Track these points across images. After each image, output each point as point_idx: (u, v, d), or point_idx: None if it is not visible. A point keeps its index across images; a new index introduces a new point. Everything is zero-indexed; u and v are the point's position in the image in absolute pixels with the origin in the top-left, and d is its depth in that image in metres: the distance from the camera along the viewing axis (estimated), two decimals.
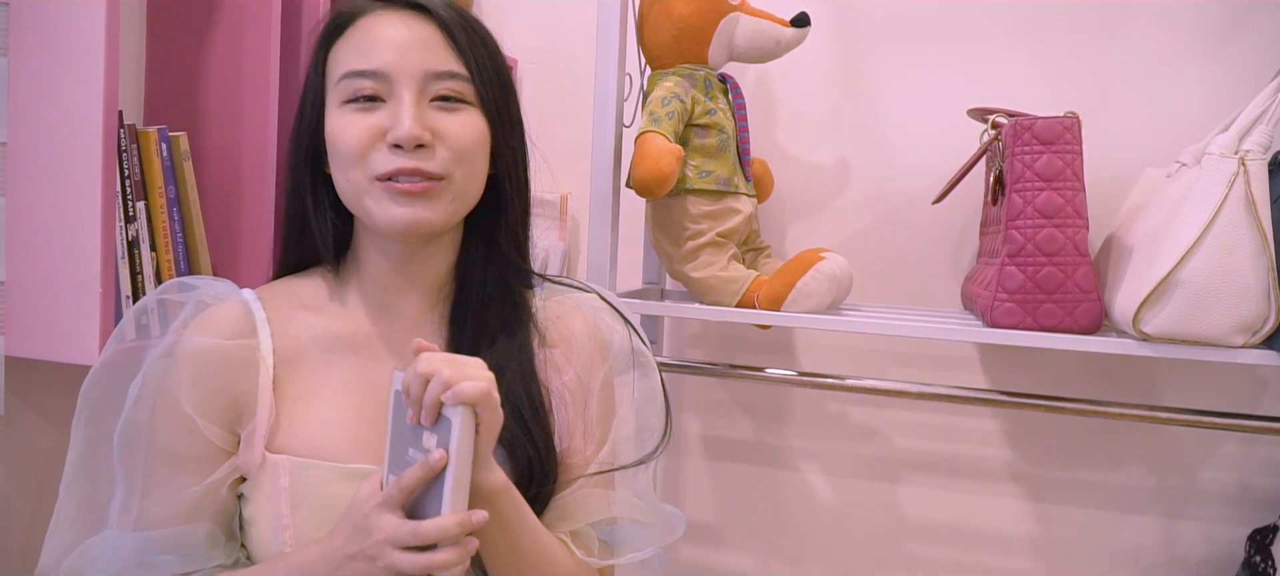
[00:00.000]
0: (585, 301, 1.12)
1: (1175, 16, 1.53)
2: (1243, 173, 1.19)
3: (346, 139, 0.97)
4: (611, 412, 1.07)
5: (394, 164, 0.96)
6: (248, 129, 1.36)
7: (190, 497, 0.97)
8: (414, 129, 0.95)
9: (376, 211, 0.98)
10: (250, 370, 1.00)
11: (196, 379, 0.98)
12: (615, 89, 1.44)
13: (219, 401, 0.99)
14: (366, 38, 0.99)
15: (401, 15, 1.00)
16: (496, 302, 1.06)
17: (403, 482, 0.88)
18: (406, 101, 0.96)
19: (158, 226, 1.27)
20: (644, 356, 1.11)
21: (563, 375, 1.06)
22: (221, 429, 0.99)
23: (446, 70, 0.99)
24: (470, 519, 0.86)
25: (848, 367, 1.69)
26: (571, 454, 1.04)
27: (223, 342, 0.99)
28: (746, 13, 1.49)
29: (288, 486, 0.97)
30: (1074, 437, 1.61)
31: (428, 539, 0.85)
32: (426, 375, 0.87)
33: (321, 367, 1.02)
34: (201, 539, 0.98)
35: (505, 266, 1.07)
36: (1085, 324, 1.30)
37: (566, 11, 1.80)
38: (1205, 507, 1.56)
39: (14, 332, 1.20)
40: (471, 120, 1.00)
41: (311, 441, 0.98)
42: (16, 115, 1.18)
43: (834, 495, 1.75)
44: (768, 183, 1.66)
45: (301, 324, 1.04)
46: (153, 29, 1.41)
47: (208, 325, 1.00)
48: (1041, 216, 1.30)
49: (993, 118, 1.42)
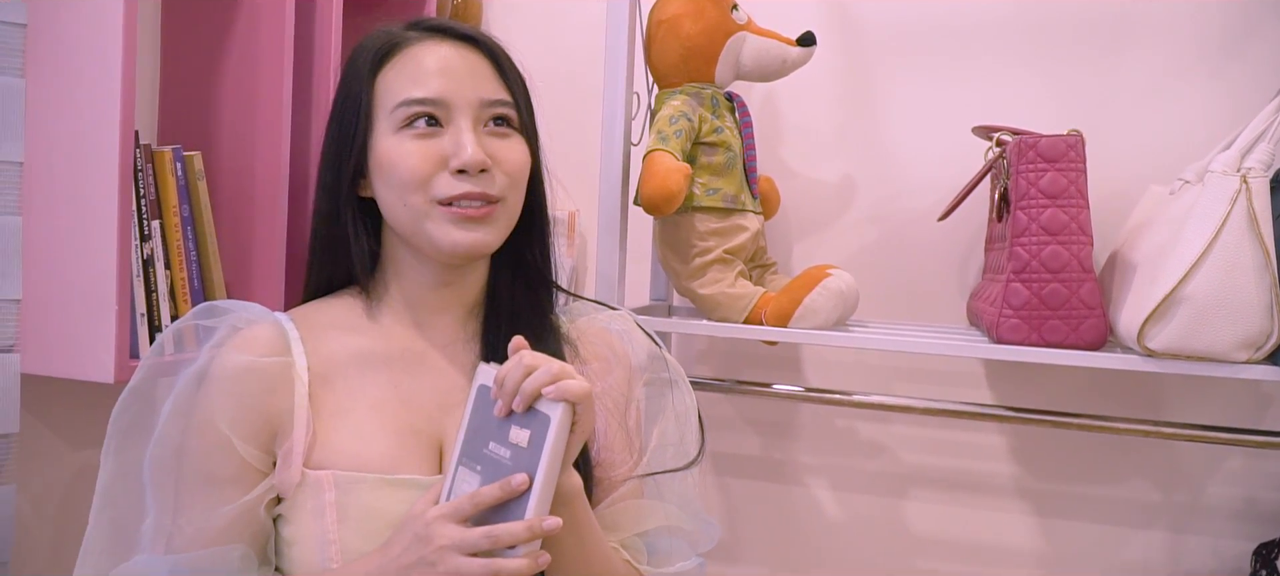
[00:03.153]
0: (616, 319, 1.15)
1: (1178, 35, 1.54)
2: (1245, 190, 1.20)
3: (409, 165, 0.99)
4: (643, 430, 1.09)
5: (459, 188, 0.99)
6: (261, 148, 1.37)
7: (224, 518, 0.97)
8: (479, 155, 0.99)
9: (437, 235, 1.00)
10: (285, 387, 1.00)
11: (231, 397, 0.99)
12: (623, 107, 1.46)
13: (255, 419, 0.99)
14: (419, 66, 1.02)
15: (452, 45, 1.04)
16: (526, 318, 1.07)
17: (478, 498, 0.87)
18: (466, 128, 1.00)
19: (172, 245, 1.28)
20: (677, 372, 1.13)
21: (599, 387, 1.06)
22: (257, 448, 0.99)
23: (498, 98, 1.03)
24: (542, 525, 0.85)
25: (854, 383, 1.70)
26: (613, 466, 1.06)
27: (258, 360, 1.00)
28: (753, 32, 1.51)
29: (333, 500, 0.96)
30: (1080, 453, 1.62)
31: (502, 542, 0.85)
32: (531, 366, 0.88)
33: (356, 383, 1.03)
34: (236, 562, 0.97)
35: (534, 284, 1.11)
36: (1090, 340, 1.31)
37: (575, 31, 1.81)
38: (1211, 522, 1.56)
39: (30, 350, 1.21)
40: (519, 145, 1.04)
41: (350, 455, 0.99)
42: (33, 135, 1.20)
43: (841, 510, 1.75)
44: (774, 200, 1.67)
45: (335, 342, 1.05)
46: (167, 48, 1.43)
47: (242, 345, 1.01)
48: (1046, 233, 1.31)
49: (997, 135, 1.43)
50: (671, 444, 1.10)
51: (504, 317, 1.07)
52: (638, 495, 1.07)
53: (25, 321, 1.21)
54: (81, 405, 1.37)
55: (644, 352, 1.12)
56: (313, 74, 1.44)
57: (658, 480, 1.08)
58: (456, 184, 0.99)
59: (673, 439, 1.10)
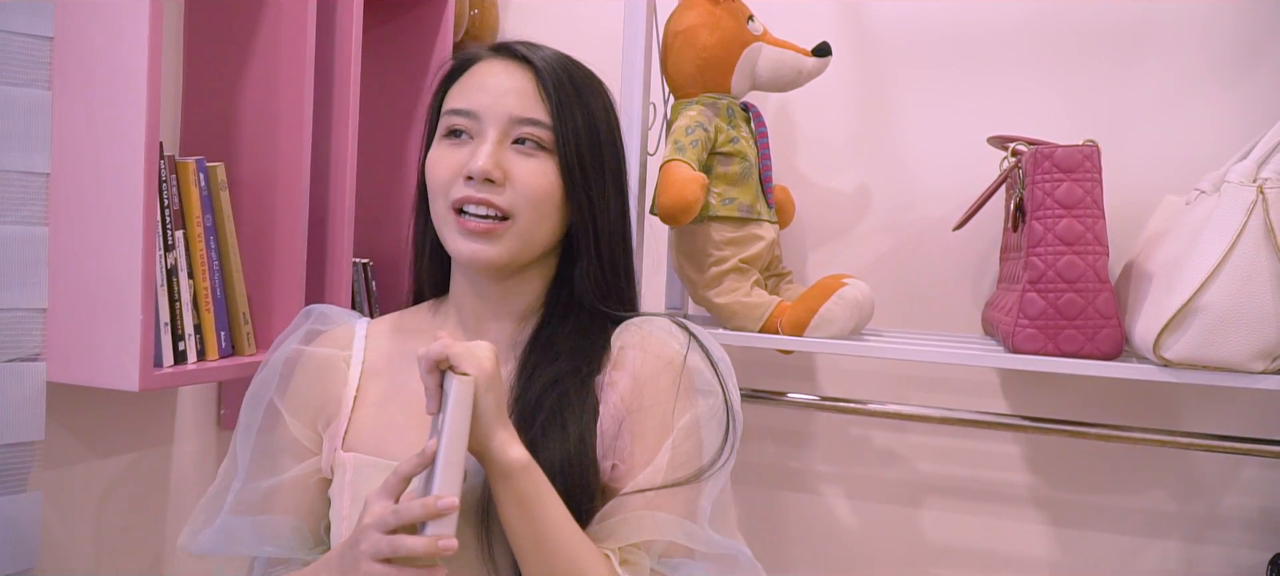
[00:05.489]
0: (653, 324, 1.09)
1: (1193, 45, 1.55)
2: (1261, 200, 1.20)
3: (437, 171, 1.05)
4: (666, 432, 1.03)
5: (464, 193, 1.02)
6: (283, 159, 1.39)
7: (276, 488, 1.07)
8: (486, 164, 1.00)
9: (450, 242, 1.05)
10: (338, 377, 1.11)
11: (288, 379, 1.10)
12: (640, 118, 1.47)
13: (306, 401, 1.10)
14: (473, 81, 1.06)
15: (506, 64, 1.06)
16: (570, 329, 1.07)
17: (399, 470, 0.91)
18: (489, 140, 1.02)
19: (195, 255, 1.30)
20: (705, 378, 1.06)
21: (621, 395, 1.04)
22: (306, 427, 1.09)
23: (529, 117, 1.03)
24: (437, 504, 0.86)
25: (870, 392, 1.70)
26: (625, 476, 1.01)
27: (316, 350, 1.12)
28: (769, 43, 1.52)
29: (350, 481, 1.04)
30: (1095, 462, 1.62)
31: (404, 520, 0.87)
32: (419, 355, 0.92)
33: (402, 377, 1.09)
34: (289, 532, 1.07)
35: (586, 305, 1.09)
36: (1106, 349, 1.32)
37: (592, 42, 1.80)
38: (1227, 532, 1.56)
39: (55, 359, 1.22)
40: (544, 168, 1.04)
41: (377, 442, 1.06)
42: (59, 146, 1.21)
43: (856, 519, 1.76)
44: (790, 209, 1.68)
45: (396, 343, 1.13)
46: (189, 60, 1.45)
47: (312, 339, 1.13)
48: (1062, 243, 1.31)
49: (1013, 145, 1.43)
50: (682, 461, 1.03)
51: (546, 328, 1.08)
52: (655, 504, 1.00)
53: (51, 330, 1.22)
54: (106, 413, 1.38)
55: (675, 356, 1.06)
56: (333, 85, 1.46)
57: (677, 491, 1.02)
58: (464, 188, 1.02)
59: (684, 455, 1.03)
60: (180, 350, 1.27)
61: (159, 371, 1.23)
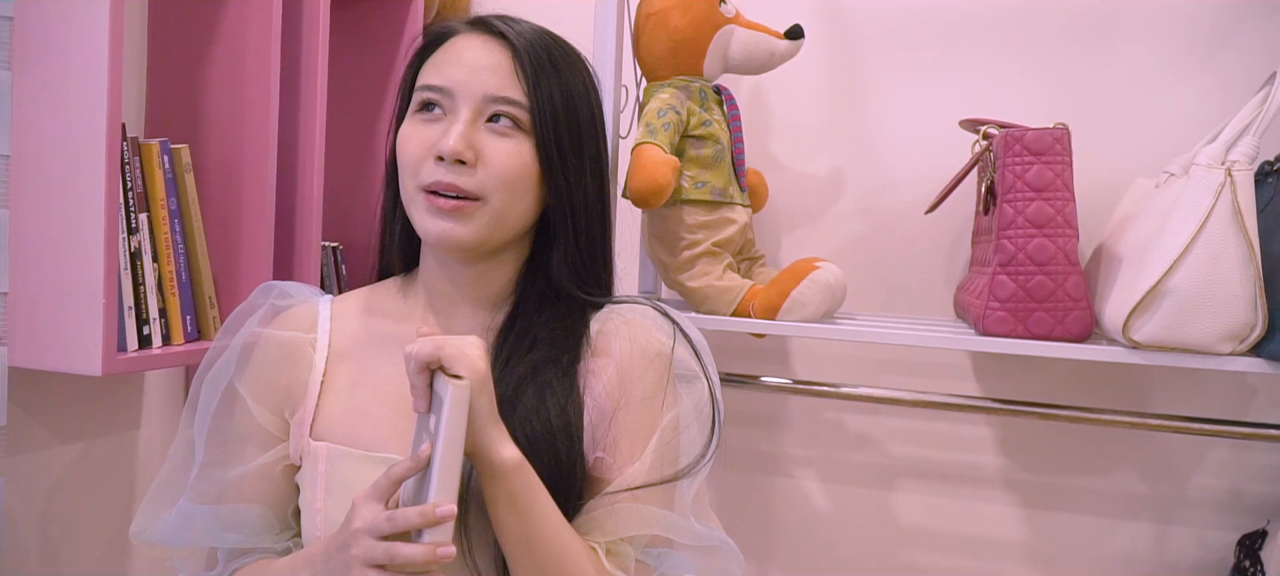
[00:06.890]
0: (634, 312, 1.07)
1: (1164, 29, 1.55)
2: (1229, 183, 1.21)
3: (407, 147, 1.01)
4: (653, 426, 1.02)
5: (435, 176, 0.98)
6: (249, 141, 1.37)
7: (241, 477, 1.05)
8: (457, 145, 0.97)
9: (418, 220, 1.02)
10: (304, 362, 1.07)
11: (251, 365, 1.06)
12: (612, 100, 1.46)
13: (270, 387, 1.06)
14: (448, 55, 1.03)
15: (483, 39, 1.03)
16: (547, 317, 1.05)
17: (391, 473, 0.88)
18: (462, 119, 0.99)
19: (160, 238, 1.28)
20: (689, 368, 1.06)
21: (605, 386, 1.02)
22: (271, 413, 1.06)
23: (504, 96, 1.00)
24: (435, 511, 0.84)
25: (842, 376, 1.70)
26: (611, 468, 1.00)
27: (278, 333, 1.08)
28: (741, 26, 1.51)
29: (324, 471, 1.02)
30: (1066, 444, 1.63)
31: (399, 526, 0.85)
32: (408, 354, 0.89)
33: (371, 362, 1.06)
34: (255, 520, 1.05)
35: (562, 291, 1.06)
36: (1076, 332, 1.32)
37: (563, 24, 1.80)
38: (1196, 513, 1.58)
39: (17, 343, 1.21)
40: (518, 149, 1.00)
41: (348, 430, 1.03)
42: (20, 128, 1.19)
43: (829, 502, 1.76)
44: (762, 193, 1.67)
45: (362, 324, 1.10)
46: (154, 41, 1.43)
47: (274, 321, 1.09)
48: (1032, 226, 1.32)
49: (984, 129, 1.43)
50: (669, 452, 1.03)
51: (520, 314, 1.05)
52: (641, 498, 1.00)
53: (12, 315, 1.21)
54: (69, 398, 1.37)
55: (659, 346, 1.05)
56: (301, 66, 1.44)
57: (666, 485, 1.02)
58: (434, 171, 0.98)
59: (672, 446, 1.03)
60: (145, 334, 1.26)
61: (123, 356, 1.21)
